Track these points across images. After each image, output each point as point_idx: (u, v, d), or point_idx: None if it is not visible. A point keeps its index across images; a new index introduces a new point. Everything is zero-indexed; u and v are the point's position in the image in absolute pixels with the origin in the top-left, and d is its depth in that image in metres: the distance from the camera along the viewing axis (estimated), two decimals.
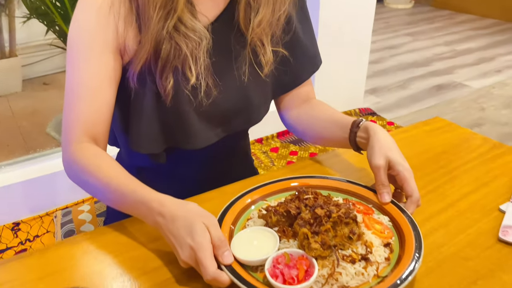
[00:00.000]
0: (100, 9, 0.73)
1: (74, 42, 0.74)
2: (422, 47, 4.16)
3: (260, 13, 0.78)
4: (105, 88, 0.75)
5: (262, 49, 0.82)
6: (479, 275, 0.61)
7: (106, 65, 0.74)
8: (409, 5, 5.81)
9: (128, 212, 0.69)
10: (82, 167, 0.71)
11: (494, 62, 3.73)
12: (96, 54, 0.73)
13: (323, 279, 0.58)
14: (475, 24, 4.91)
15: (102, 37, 0.73)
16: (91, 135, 0.75)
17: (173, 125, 0.79)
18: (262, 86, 0.86)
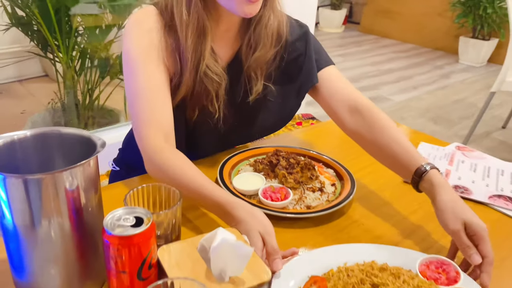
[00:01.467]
0: (152, 35, 0.88)
1: (133, 55, 0.87)
2: (352, 67, 4.71)
3: (257, 51, 0.94)
4: (164, 90, 0.87)
5: (255, 80, 0.97)
6: (391, 199, 0.97)
7: (162, 73, 0.87)
8: (340, 30, 6.43)
9: (204, 208, 0.84)
10: (164, 165, 0.81)
11: (411, 80, 4.34)
12: (154, 63, 0.87)
13: (295, 201, 0.91)
14: (397, 48, 5.59)
15: (156, 51, 0.87)
16: (163, 131, 0.84)
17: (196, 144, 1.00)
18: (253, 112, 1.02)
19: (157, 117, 0.85)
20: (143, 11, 0.92)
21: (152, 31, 0.88)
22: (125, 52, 0.89)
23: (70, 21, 2.02)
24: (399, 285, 0.64)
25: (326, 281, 0.67)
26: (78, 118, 2.19)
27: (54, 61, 2.13)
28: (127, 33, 0.89)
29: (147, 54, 0.87)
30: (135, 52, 0.87)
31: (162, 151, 0.82)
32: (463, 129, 3.24)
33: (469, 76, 4.57)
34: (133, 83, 0.87)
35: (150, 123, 0.84)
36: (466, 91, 4.12)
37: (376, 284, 0.64)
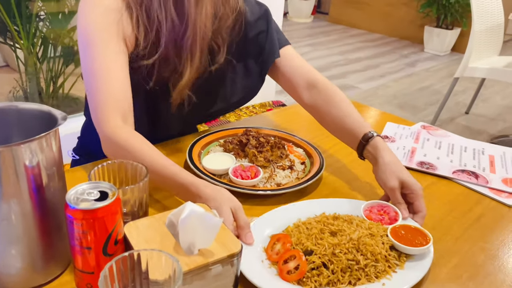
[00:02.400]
0: (109, 8, 0.85)
1: (89, 32, 0.84)
2: (321, 56, 4.74)
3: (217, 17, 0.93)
4: (124, 69, 0.85)
5: (217, 50, 0.96)
6: (359, 176, 0.98)
7: (119, 50, 0.85)
8: (309, 20, 6.46)
9: (167, 190, 0.81)
10: (122, 147, 0.78)
11: (378, 69, 4.42)
12: (110, 41, 0.84)
13: (265, 179, 0.90)
14: (364, 38, 5.67)
15: (114, 27, 0.84)
16: (121, 112, 0.82)
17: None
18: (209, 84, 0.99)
19: (115, 97, 0.82)
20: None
21: (105, 5, 0.85)
22: (80, 29, 0.85)
23: (30, 6, 1.94)
24: (354, 229, 0.72)
25: (289, 237, 0.71)
26: None
27: (15, 48, 2.04)
28: (81, 8, 0.86)
29: (103, 29, 0.84)
30: (90, 28, 0.84)
31: (120, 132, 0.80)
32: (429, 115, 3.33)
33: (434, 64, 4.68)
34: (88, 62, 0.84)
35: (107, 103, 0.81)
36: (431, 78, 4.22)
37: (334, 231, 0.72)
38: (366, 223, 0.75)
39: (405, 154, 1.08)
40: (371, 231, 0.72)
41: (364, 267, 0.67)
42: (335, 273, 0.66)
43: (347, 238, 0.69)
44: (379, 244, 0.70)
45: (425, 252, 0.71)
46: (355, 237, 0.70)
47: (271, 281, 0.65)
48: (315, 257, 0.67)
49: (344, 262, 0.66)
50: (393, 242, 0.71)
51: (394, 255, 0.70)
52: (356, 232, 0.71)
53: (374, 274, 0.67)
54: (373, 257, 0.68)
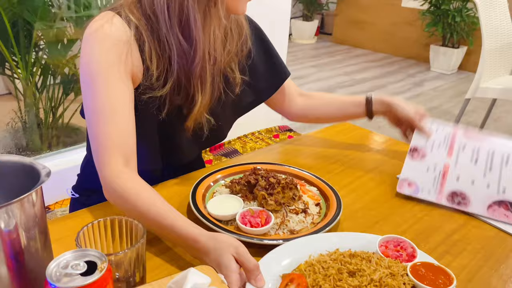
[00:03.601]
0: (115, 40, 0.80)
1: (93, 68, 0.78)
2: (326, 77, 4.69)
3: (227, 47, 0.93)
4: (128, 109, 0.81)
5: (232, 73, 0.96)
6: (379, 218, 0.89)
7: (125, 89, 0.80)
8: (312, 41, 6.44)
9: (167, 240, 0.76)
10: (120, 196, 0.74)
11: (385, 89, 4.35)
12: (116, 79, 0.79)
13: (277, 225, 0.82)
14: (369, 57, 5.63)
15: (118, 64, 0.79)
16: (123, 155, 0.78)
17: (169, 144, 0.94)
18: (229, 108, 1.00)
19: (118, 139, 0.78)
20: (101, 16, 0.83)
21: (114, 38, 0.80)
22: (83, 65, 0.80)
23: (29, 36, 1.89)
24: (374, 268, 0.67)
25: (304, 277, 0.67)
26: (41, 138, 2.04)
27: (13, 78, 1.99)
28: (85, 43, 0.81)
29: (108, 66, 0.79)
30: (94, 65, 0.79)
31: (121, 177, 0.76)
32: None
33: (441, 84, 4.61)
34: (92, 101, 0.79)
35: (109, 146, 0.77)
36: (440, 98, 4.14)
37: (353, 271, 0.67)
38: (385, 261, 0.70)
39: (436, 180, 0.96)
40: (391, 270, 0.67)
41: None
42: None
43: (368, 279, 0.65)
44: (401, 285, 0.65)
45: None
46: (376, 278, 0.65)
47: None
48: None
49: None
50: (415, 283, 0.66)
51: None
52: (377, 272, 0.66)
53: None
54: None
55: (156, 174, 0.99)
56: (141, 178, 0.79)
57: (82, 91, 0.82)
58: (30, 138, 2.01)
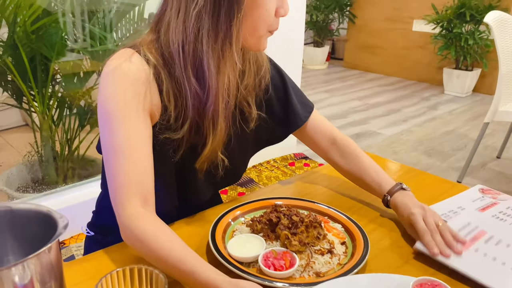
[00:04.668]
0: (133, 78, 0.79)
1: (110, 108, 0.77)
2: (339, 102, 4.67)
3: (245, 79, 0.92)
4: (146, 147, 0.79)
5: (248, 108, 0.94)
6: (409, 256, 0.84)
7: (144, 127, 0.79)
8: (324, 66, 6.47)
9: (187, 285, 0.73)
10: (138, 238, 0.72)
11: (400, 113, 4.31)
12: (134, 117, 0.78)
13: (302, 267, 0.77)
14: (381, 82, 5.61)
15: (137, 103, 0.78)
16: (141, 195, 0.76)
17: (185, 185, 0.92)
18: (243, 145, 0.98)
19: (135, 178, 0.76)
20: (120, 54, 0.82)
21: (132, 76, 0.79)
22: (101, 104, 0.79)
23: (46, 69, 1.91)
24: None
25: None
26: (56, 171, 2.04)
27: (30, 112, 2.00)
28: (103, 82, 0.80)
29: (125, 105, 0.78)
30: (112, 104, 0.78)
31: (139, 218, 0.74)
32: (458, 161, 3.17)
33: (456, 107, 4.55)
34: (109, 139, 0.78)
35: (127, 186, 0.76)
36: (455, 121, 4.09)
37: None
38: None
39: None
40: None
41: None
42: None
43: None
44: None
45: None
46: None
47: None
48: None
49: None
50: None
51: None
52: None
53: None
54: None
55: (172, 214, 0.95)
56: (159, 219, 0.76)
57: (100, 129, 0.81)
58: (46, 172, 2.01)
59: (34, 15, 1.71)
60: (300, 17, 2.69)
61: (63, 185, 1.92)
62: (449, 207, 1.00)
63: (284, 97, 1.03)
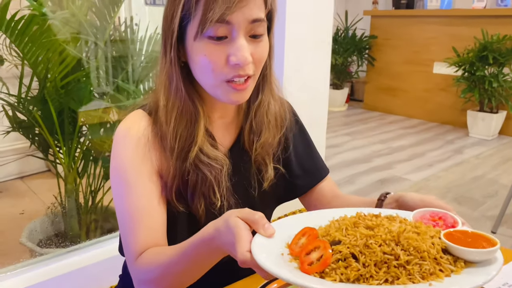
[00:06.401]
0: (139, 142, 0.82)
1: (119, 172, 0.81)
2: (361, 145, 4.60)
3: (262, 137, 0.91)
4: (157, 208, 0.81)
5: (265, 167, 0.93)
6: None
7: (153, 188, 0.81)
8: (343, 108, 6.45)
9: (204, 267, 0.73)
10: (146, 270, 0.76)
11: (425, 157, 4.21)
12: (143, 179, 0.81)
13: None
14: (403, 124, 5.54)
15: (145, 164, 0.81)
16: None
17: None
18: (266, 199, 0.97)
19: (146, 239, 0.79)
20: (130, 117, 0.86)
21: (141, 139, 0.82)
22: (113, 167, 0.83)
23: (73, 122, 1.92)
24: (396, 225, 0.61)
25: (315, 230, 0.64)
26: (79, 223, 2.01)
27: (55, 164, 2.00)
28: (115, 145, 0.84)
29: (135, 169, 0.81)
30: (122, 168, 0.81)
31: (140, 263, 0.79)
32: (489, 209, 3.04)
33: (483, 150, 4.44)
34: (121, 203, 0.81)
35: (137, 246, 0.79)
36: (483, 166, 3.96)
37: (371, 226, 0.62)
38: (414, 223, 0.63)
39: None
40: (418, 230, 0.60)
41: (405, 264, 0.55)
42: (367, 266, 0.55)
43: (385, 230, 0.59)
44: (427, 243, 0.58)
45: (490, 257, 0.57)
46: (395, 229, 0.59)
47: (289, 271, 0.56)
48: (343, 247, 0.58)
49: (379, 255, 0.56)
50: (447, 244, 0.58)
51: (448, 258, 0.57)
52: (397, 225, 0.61)
53: (419, 274, 0.54)
54: (418, 254, 0.56)
55: None
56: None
57: (112, 192, 0.84)
58: (68, 224, 1.98)
59: (65, 70, 1.74)
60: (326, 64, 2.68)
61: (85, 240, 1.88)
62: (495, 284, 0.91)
63: (305, 151, 1.03)
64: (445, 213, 0.68)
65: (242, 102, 0.83)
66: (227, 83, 0.78)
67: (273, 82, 0.92)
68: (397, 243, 0.57)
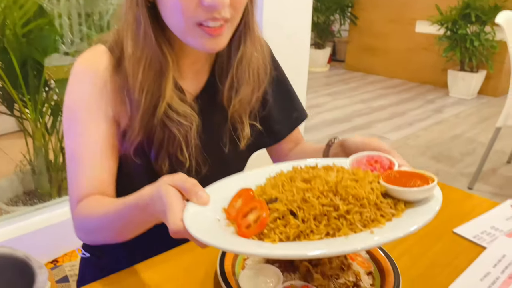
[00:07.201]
0: (96, 80, 0.75)
1: (72, 110, 0.75)
2: (342, 105, 4.57)
3: (240, 93, 0.83)
4: (106, 153, 0.76)
5: (241, 125, 0.86)
6: None
7: (105, 132, 0.75)
8: (325, 68, 6.38)
9: (140, 228, 0.68)
10: (83, 219, 0.72)
11: (405, 116, 4.21)
12: (94, 121, 0.75)
13: None
14: (384, 84, 5.52)
15: (99, 106, 0.75)
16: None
17: None
18: (240, 156, 0.91)
19: (93, 183, 0.74)
20: (90, 51, 0.79)
21: (97, 76, 0.75)
22: (65, 105, 0.77)
23: (38, 75, 1.81)
24: (333, 175, 0.58)
25: (251, 190, 0.60)
26: (50, 181, 1.93)
27: (22, 119, 1.90)
28: (70, 81, 0.77)
29: (89, 108, 0.75)
30: (74, 106, 0.76)
31: (81, 208, 0.73)
32: (467, 167, 3.07)
33: (462, 109, 4.46)
34: (69, 142, 0.76)
35: (81, 189, 0.74)
36: (462, 125, 3.99)
37: (308, 178, 0.58)
38: (351, 170, 0.61)
39: None
40: (355, 177, 0.58)
41: (345, 213, 0.53)
42: (306, 221, 0.53)
43: (322, 182, 0.56)
44: (366, 189, 0.56)
45: (427, 195, 0.56)
46: (332, 179, 0.57)
47: (225, 239, 0.52)
48: (280, 204, 0.55)
49: (318, 208, 0.53)
50: (386, 186, 0.56)
51: (388, 202, 0.55)
52: (334, 174, 0.58)
53: (360, 223, 0.53)
54: (358, 202, 0.54)
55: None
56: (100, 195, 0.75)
57: (64, 134, 0.79)
58: (38, 183, 1.90)
59: (25, 17, 1.61)
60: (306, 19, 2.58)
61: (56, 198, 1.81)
62: (481, 228, 0.90)
63: (284, 97, 0.97)
64: (379, 156, 0.66)
65: (217, 50, 0.75)
66: (199, 26, 0.70)
67: (256, 30, 0.83)
68: (335, 193, 0.55)
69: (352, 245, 0.50)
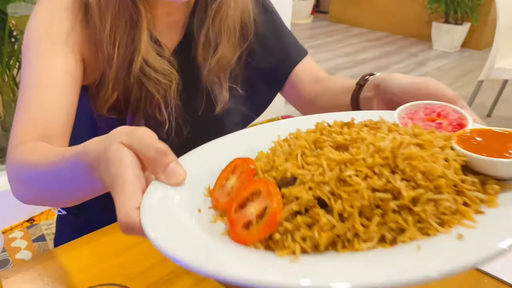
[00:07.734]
0: (60, 7, 0.68)
1: (28, 39, 0.67)
2: (325, 58, 4.49)
3: (219, 50, 0.76)
4: (61, 85, 0.64)
5: (218, 86, 0.79)
6: None
7: (62, 61, 0.65)
8: (308, 20, 6.22)
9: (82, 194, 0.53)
10: (16, 165, 0.58)
11: (388, 70, 4.17)
12: (49, 49, 0.65)
13: None
14: (368, 36, 5.43)
15: (59, 32, 0.66)
16: (42, 136, 0.60)
17: None
18: (224, 121, 0.83)
19: (39, 117, 0.61)
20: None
21: (64, 8, 0.67)
22: (25, 32, 0.68)
23: (2, 25, 1.69)
24: (384, 135, 0.38)
25: (252, 161, 0.40)
26: None
27: None
28: (34, 9, 0.69)
29: (49, 36, 0.66)
30: (35, 33, 0.66)
31: (18, 151, 0.58)
32: None
33: (445, 63, 4.44)
34: (24, 71, 0.66)
35: (26, 123, 0.61)
36: (445, 78, 3.98)
37: (343, 144, 0.37)
38: (411, 129, 0.40)
39: None
40: (419, 140, 0.37)
41: (412, 203, 0.32)
42: (346, 219, 0.32)
43: (369, 150, 0.35)
44: (440, 161, 0.35)
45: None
46: (385, 144, 0.35)
47: (208, 250, 0.31)
48: (300, 188, 0.34)
49: (366, 195, 0.32)
50: (467, 155, 0.37)
51: (473, 181, 0.35)
52: (389, 138, 0.37)
53: (436, 219, 0.32)
54: (431, 184, 0.33)
55: None
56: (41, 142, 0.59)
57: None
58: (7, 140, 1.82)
59: None
60: None
61: None
62: None
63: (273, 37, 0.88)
64: (444, 106, 0.46)
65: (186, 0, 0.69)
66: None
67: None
68: (394, 169, 0.34)
69: (435, 266, 0.28)
